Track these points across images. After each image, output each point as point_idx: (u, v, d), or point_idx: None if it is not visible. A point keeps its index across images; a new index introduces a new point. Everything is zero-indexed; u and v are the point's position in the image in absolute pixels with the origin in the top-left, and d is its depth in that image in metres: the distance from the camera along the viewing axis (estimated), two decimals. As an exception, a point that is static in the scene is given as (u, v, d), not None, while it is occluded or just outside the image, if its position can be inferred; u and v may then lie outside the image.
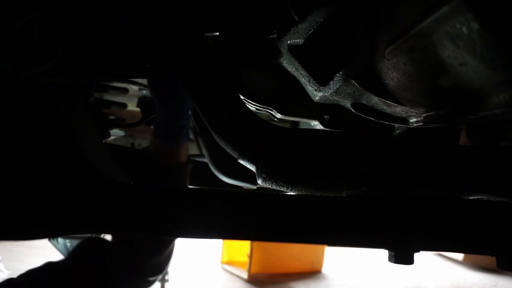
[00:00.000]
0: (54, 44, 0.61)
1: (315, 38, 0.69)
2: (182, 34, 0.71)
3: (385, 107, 0.72)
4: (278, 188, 0.70)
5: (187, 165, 1.20)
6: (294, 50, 0.71)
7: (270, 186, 0.70)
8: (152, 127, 1.52)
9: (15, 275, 1.02)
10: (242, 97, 0.79)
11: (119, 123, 1.42)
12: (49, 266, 1.06)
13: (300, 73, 0.73)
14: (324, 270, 4.48)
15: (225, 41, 0.77)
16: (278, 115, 0.81)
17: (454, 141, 0.85)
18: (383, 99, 0.68)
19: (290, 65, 0.75)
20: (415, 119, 0.72)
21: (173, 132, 1.13)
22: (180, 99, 1.12)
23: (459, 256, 5.02)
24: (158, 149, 1.17)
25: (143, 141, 2.01)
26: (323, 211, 0.66)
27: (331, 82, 0.70)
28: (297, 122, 1.25)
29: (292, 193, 0.71)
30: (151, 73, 0.96)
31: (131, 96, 1.50)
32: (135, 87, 1.28)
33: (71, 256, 1.15)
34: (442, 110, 0.63)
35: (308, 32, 0.69)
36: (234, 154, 0.72)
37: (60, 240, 2.11)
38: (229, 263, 4.44)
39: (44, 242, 2.18)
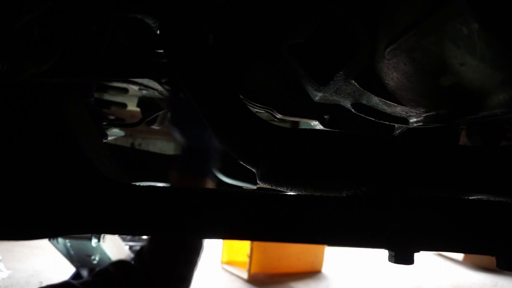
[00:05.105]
0: (54, 44, 0.61)
1: (315, 38, 0.69)
2: (181, 34, 0.71)
3: (385, 107, 0.72)
4: (278, 188, 0.70)
5: None
6: (294, 50, 0.71)
7: (270, 186, 0.70)
8: (151, 127, 1.52)
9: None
10: (242, 97, 0.79)
11: (119, 123, 1.42)
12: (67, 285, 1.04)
13: (300, 73, 0.72)
14: (324, 270, 4.47)
15: (225, 41, 0.77)
16: (278, 115, 0.81)
17: (454, 141, 0.85)
18: (383, 99, 0.68)
19: (290, 65, 0.75)
20: (415, 119, 0.72)
21: (195, 168, 1.09)
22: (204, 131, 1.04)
23: (459, 256, 5.02)
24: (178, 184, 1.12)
25: (143, 141, 2.01)
26: (323, 211, 0.66)
27: (331, 82, 0.70)
28: (297, 122, 1.25)
29: (292, 193, 0.71)
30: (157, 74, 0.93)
31: (131, 96, 1.49)
32: (135, 87, 1.28)
33: (91, 278, 1.13)
34: (442, 110, 0.63)
35: (308, 32, 0.69)
36: (234, 154, 0.72)
37: (60, 240, 2.11)
38: (229, 263, 4.43)
39: (44, 242, 2.18)
